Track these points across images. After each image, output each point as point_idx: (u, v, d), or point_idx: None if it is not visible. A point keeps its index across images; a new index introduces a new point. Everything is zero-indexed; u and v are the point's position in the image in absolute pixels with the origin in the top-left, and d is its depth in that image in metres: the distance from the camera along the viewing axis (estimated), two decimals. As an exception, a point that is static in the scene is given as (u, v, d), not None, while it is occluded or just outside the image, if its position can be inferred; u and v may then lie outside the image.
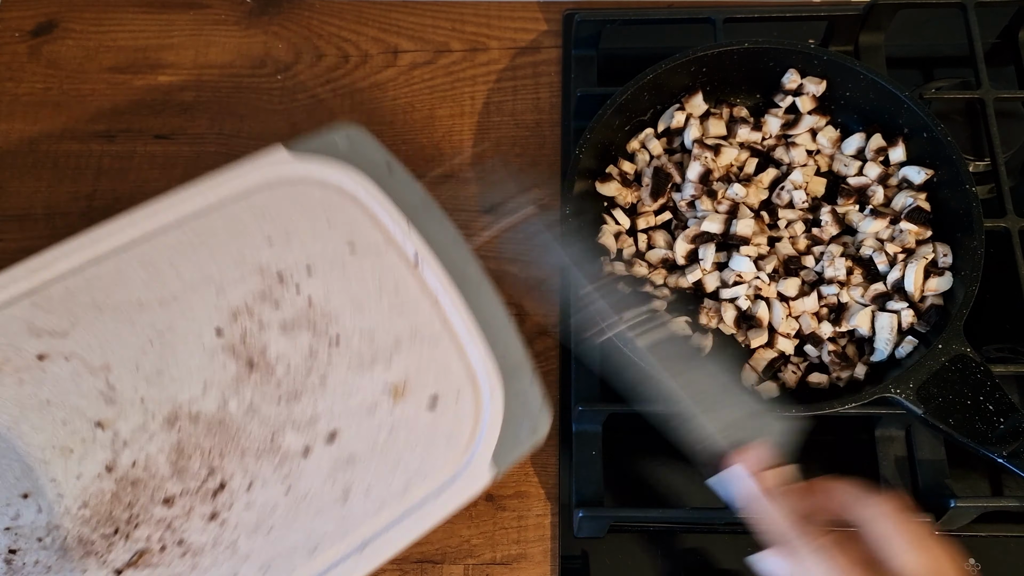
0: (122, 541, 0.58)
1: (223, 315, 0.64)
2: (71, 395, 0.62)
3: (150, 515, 0.59)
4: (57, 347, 0.63)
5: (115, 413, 0.62)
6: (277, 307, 0.65)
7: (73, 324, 0.64)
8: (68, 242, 0.66)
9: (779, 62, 0.82)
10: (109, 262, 0.66)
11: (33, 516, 0.59)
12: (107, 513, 0.59)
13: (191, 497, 0.60)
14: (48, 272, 0.65)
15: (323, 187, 0.68)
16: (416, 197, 0.68)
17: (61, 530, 0.58)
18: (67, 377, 0.62)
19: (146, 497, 0.59)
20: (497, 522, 0.74)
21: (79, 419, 0.61)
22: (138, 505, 0.59)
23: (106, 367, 0.63)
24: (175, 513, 0.59)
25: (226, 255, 0.66)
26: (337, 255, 0.66)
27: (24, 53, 0.96)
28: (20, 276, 0.65)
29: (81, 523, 0.59)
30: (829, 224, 0.77)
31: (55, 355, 0.63)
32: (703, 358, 0.57)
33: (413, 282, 0.66)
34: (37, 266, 0.65)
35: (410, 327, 0.64)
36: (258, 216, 0.67)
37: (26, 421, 0.61)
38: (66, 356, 0.63)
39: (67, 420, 0.62)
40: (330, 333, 0.64)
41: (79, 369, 0.63)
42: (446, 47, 0.95)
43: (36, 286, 0.65)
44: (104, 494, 0.60)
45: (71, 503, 0.59)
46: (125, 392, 0.62)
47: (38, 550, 0.58)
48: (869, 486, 0.55)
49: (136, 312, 0.64)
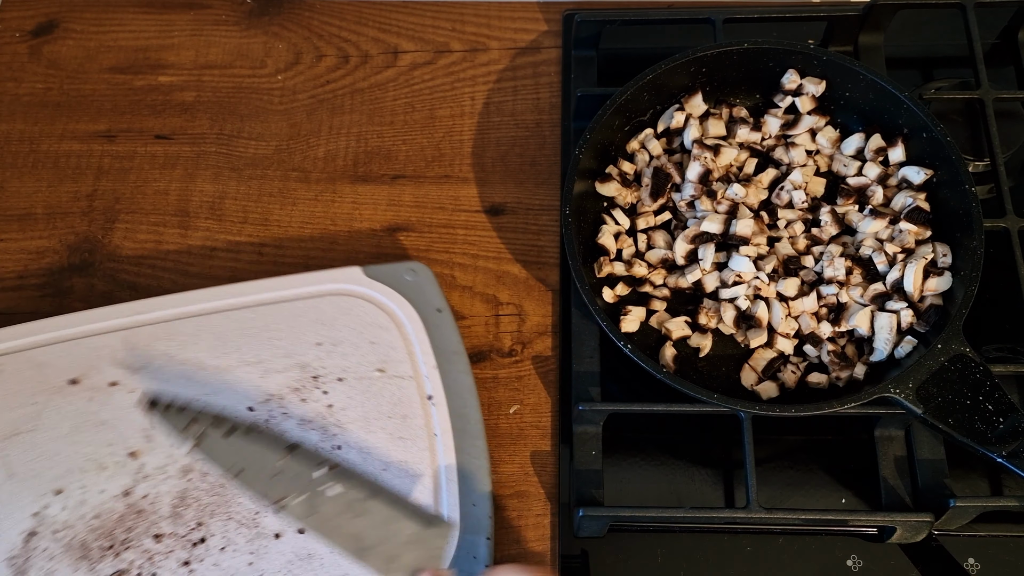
0: (111, 557, 0.67)
1: (259, 396, 0.72)
2: (122, 423, 0.71)
3: (140, 544, 0.67)
4: (126, 380, 0.73)
5: (148, 448, 0.71)
6: (303, 403, 0.72)
7: (145, 365, 0.73)
8: (164, 298, 0.76)
9: (779, 62, 0.82)
10: (191, 322, 0.75)
11: (57, 511, 0.68)
12: (110, 530, 0.67)
13: (176, 540, 0.67)
14: (142, 317, 0.75)
15: (379, 311, 0.75)
16: (452, 343, 0.74)
17: (72, 530, 0.67)
18: (125, 407, 0.71)
19: (143, 527, 0.68)
20: (497, 521, 0.74)
21: (120, 444, 0.71)
22: (135, 532, 0.67)
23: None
24: (159, 549, 0.67)
25: (279, 346, 0.74)
26: (367, 373, 0.73)
27: (25, 53, 0.96)
28: (122, 313, 0.75)
29: (88, 530, 0.67)
30: (829, 224, 0.77)
31: (123, 386, 0.73)
32: (363, 501, 0.64)
33: (420, 418, 0.72)
34: (136, 309, 0.75)
35: (402, 457, 0.71)
36: (316, 320, 0.75)
37: (82, 433, 0.71)
38: (130, 390, 0.72)
39: (112, 442, 0.71)
40: (335, 440, 0.71)
41: (135, 403, 0.72)
42: (446, 47, 0.95)
43: (129, 324, 0.75)
44: (114, 513, 0.68)
45: (88, 511, 0.68)
46: (161, 434, 0.70)
47: (50, 540, 0.67)
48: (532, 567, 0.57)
49: (195, 370, 0.73)
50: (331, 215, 0.87)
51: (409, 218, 0.86)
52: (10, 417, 0.71)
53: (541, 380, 0.79)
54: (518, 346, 0.80)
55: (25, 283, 0.85)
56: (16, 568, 0.66)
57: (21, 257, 0.86)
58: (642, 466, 0.76)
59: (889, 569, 0.71)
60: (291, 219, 0.87)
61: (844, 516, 0.71)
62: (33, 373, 0.73)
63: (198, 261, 0.85)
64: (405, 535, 0.64)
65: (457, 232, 0.86)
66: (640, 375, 0.71)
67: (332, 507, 0.65)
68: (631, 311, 0.76)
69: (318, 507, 0.65)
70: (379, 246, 0.85)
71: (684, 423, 0.77)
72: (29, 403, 0.72)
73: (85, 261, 0.85)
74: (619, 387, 0.78)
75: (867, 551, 0.71)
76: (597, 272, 0.78)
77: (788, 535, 0.72)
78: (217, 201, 0.88)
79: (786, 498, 0.74)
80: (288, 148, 0.90)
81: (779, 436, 0.75)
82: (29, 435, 0.71)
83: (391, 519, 0.64)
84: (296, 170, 0.89)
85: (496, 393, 0.79)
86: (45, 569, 0.66)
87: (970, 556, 0.70)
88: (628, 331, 0.76)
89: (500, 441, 0.77)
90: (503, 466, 0.76)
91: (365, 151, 0.90)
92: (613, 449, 0.75)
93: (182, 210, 0.88)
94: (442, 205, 0.87)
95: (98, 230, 0.87)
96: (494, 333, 0.81)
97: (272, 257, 0.85)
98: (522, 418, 0.78)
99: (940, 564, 0.71)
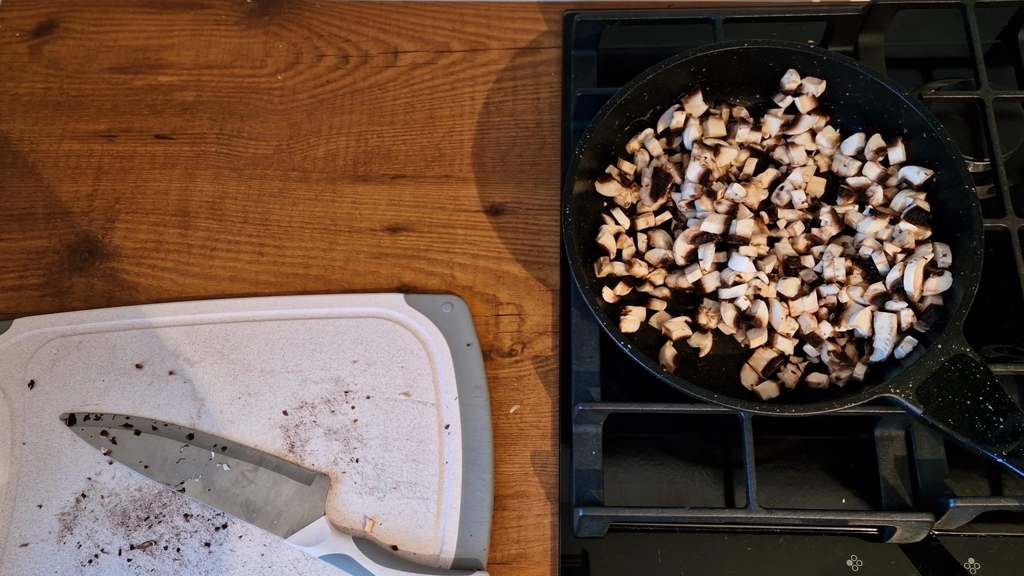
0: (146, 528, 0.74)
1: (294, 401, 0.78)
2: (173, 408, 0.78)
3: (171, 520, 0.74)
4: (183, 370, 0.80)
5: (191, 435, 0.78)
6: (332, 414, 0.78)
7: (201, 359, 0.80)
8: (226, 300, 0.82)
9: (779, 62, 0.82)
10: (245, 326, 0.81)
11: (108, 479, 0.76)
12: (148, 503, 0.75)
13: (202, 522, 0.74)
14: (205, 315, 0.82)
15: (414, 338, 0.80)
16: (476, 377, 0.78)
17: (117, 498, 0.75)
18: (178, 395, 0.79)
19: (176, 505, 0.75)
20: (497, 522, 0.74)
21: (171, 427, 0.78)
22: (168, 508, 0.75)
23: (203, 400, 0.79)
24: (186, 527, 0.74)
25: (320, 358, 0.80)
26: (394, 395, 0.78)
27: (25, 53, 0.96)
28: (188, 310, 0.82)
29: (130, 500, 0.75)
30: (829, 224, 0.77)
31: (179, 375, 0.80)
32: (251, 472, 0.74)
33: (435, 444, 0.76)
34: (200, 308, 0.82)
35: (412, 478, 0.75)
36: (356, 340, 0.80)
37: (139, 412, 0.78)
38: (185, 380, 0.79)
39: (163, 424, 0.78)
40: (354, 453, 0.76)
41: (188, 393, 0.79)
42: (446, 47, 0.95)
43: (193, 321, 0.82)
44: (155, 488, 0.75)
45: (132, 483, 0.76)
46: (205, 425, 0.78)
47: (97, 503, 0.75)
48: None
49: (242, 371, 0.80)
50: (331, 215, 0.87)
51: (409, 218, 0.86)
52: (81, 389, 0.79)
53: (541, 380, 0.79)
54: (518, 346, 0.81)
55: (25, 283, 0.85)
56: (64, 524, 0.74)
57: (21, 257, 0.86)
58: (642, 466, 0.76)
59: (889, 569, 0.71)
60: (291, 219, 0.87)
61: (844, 516, 0.71)
62: (106, 354, 0.80)
63: (198, 261, 0.85)
64: (288, 495, 0.73)
65: (457, 232, 0.86)
66: (640, 375, 0.72)
67: (225, 480, 0.74)
68: (631, 311, 0.76)
69: (214, 483, 0.74)
70: (379, 246, 0.85)
71: (684, 423, 0.77)
72: (99, 379, 0.79)
73: (85, 261, 0.85)
74: (619, 387, 0.78)
75: (867, 551, 0.71)
76: (597, 272, 0.78)
77: (788, 535, 0.72)
78: (217, 201, 0.88)
79: (786, 498, 0.74)
80: (288, 148, 0.90)
81: (779, 436, 0.76)
82: (95, 408, 0.78)
83: (275, 482, 0.74)
84: (296, 170, 0.89)
85: (496, 393, 0.79)
86: (89, 528, 0.74)
87: (970, 556, 0.71)
88: (628, 331, 0.76)
89: (500, 441, 0.77)
90: (503, 466, 0.76)
91: (365, 151, 0.90)
92: (613, 449, 0.75)
93: (182, 210, 0.88)
94: (442, 205, 0.87)
95: (98, 230, 0.87)
96: (494, 333, 0.81)
97: (272, 257, 0.85)
98: (522, 418, 0.78)
99: (940, 564, 0.71)
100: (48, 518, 0.74)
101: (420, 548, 0.72)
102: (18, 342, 0.80)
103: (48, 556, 0.73)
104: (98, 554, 0.73)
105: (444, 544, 0.72)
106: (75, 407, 0.78)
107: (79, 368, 0.80)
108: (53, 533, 0.74)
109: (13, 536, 0.73)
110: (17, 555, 0.73)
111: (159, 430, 0.77)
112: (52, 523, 0.74)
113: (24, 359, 0.80)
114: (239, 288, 0.84)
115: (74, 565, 0.73)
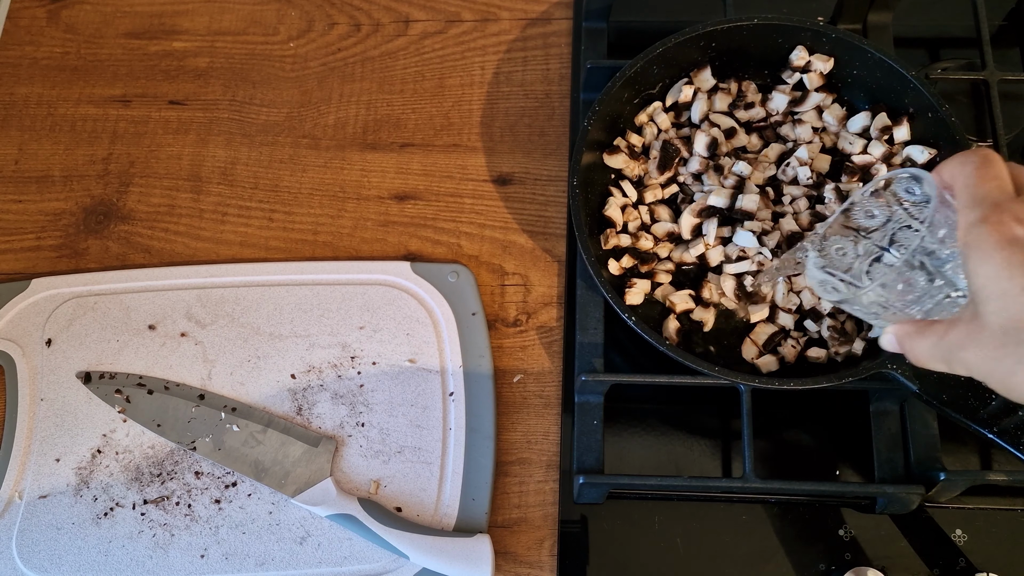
0: (158, 483, 0.76)
1: (302, 365, 0.80)
2: (185, 369, 0.80)
3: (183, 477, 0.77)
4: (194, 332, 0.82)
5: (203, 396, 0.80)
6: (339, 378, 0.79)
7: (212, 322, 0.82)
8: (237, 265, 0.84)
9: (788, 39, 0.82)
10: (256, 290, 0.83)
11: (122, 436, 0.78)
12: (160, 460, 0.77)
13: (212, 480, 0.76)
14: (216, 279, 0.84)
15: (420, 306, 0.81)
16: (480, 347, 0.79)
17: (131, 455, 0.77)
18: (189, 356, 0.81)
19: (187, 463, 0.77)
20: (499, 487, 0.76)
21: (183, 388, 0.80)
22: (180, 465, 0.77)
23: (213, 362, 0.80)
24: (197, 484, 0.76)
25: (328, 324, 0.81)
26: (399, 361, 0.80)
27: (43, 18, 0.97)
28: (200, 274, 0.84)
29: (144, 457, 0.77)
30: (832, 201, 0.78)
31: (190, 337, 0.82)
32: (260, 433, 0.76)
33: (439, 411, 0.78)
34: (212, 272, 0.84)
35: (416, 443, 0.77)
36: (362, 306, 0.82)
37: (152, 373, 0.80)
38: (196, 342, 0.81)
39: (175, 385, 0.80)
40: (360, 417, 0.78)
41: (199, 355, 0.81)
42: (457, 17, 0.95)
43: (204, 284, 0.84)
44: (167, 446, 0.78)
45: (145, 440, 0.78)
46: (215, 386, 0.80)
47: (111, 459, 0.77)
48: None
49: (252, 334, 0.81)
50: (340, 182, 0.88)
51: (417, 186, 0.87)
52: (96, 349, 0.81)
53: (545, 350, 0.81)
54: (523, 316, 0.82)
55: (43, 244, 0.86)
56: (81, 478, 0.77)
57: (39, 219, 0.87)
58: (642, 436, 0.77)
59: (880, 539, 0.72)
60: (301, 185, 0.88)
61: (838, 487, 0.73)
62: (121, 314, 0.82)
63: (210, 225, 0.87)
64: (295, 456, 0.75)
65: (464, 201, 0.87)
66: (643, 347, 0.73)
67: (234, 441, 0.76)
68: (636, 283, 0.77)
69: (223, 443, 0.76)
70: (387, 214, 0.86)
71: (684, 395, 0.78)
72: (114, 340, 0.81)
73: (100, 223, 0.87)
74: (622, 358, 0.79)
75: (859, 521, 0.73)
76: (603, 244, 0.79)
77: (782, 505, 0.74)
78: (229, 167, 0.89)
79: (782, 469, 0.75)
80: (299, 115, 0.91)
81: (777, 409, 0.77)
82: (109, 367, 0.80)
83: (283, 444, 0.76)
84: (306, 137, 0.90)
85: (500, 362, 0.80)
86: (104, 483, 0.76)
87: (957, 528, 0.72)
88: (632, 303, 0.77)
89: (504, 409, 0.79)
90: (506, 433, 0.78)
91: (374, 119, 0.91)
92: (614, 419, 0.76)
93: (194, 175, 0.89)
94: (450, 174, 0.88)
95: (113, 193, 0.88)
96: (499, 303, 0.82)
97: (282, 223, 0.86)
98: (525, 387, 0.79)
99: (929, 534, 0.72)
100: (66, 471, 0.77)
101: (423, 510, 0.74)
102: (36, 302, 0.82)
103: (66, 508, 0.75)
104: (113, 508, 0.75)
105: (447, 507, 0.74)
106: (90, 366, 0.80)
107: (94, 328, 0.82)
108: (70, 486, 0.76)
109: (32, 488, 0.76)
110: (36, 506, 0.75)
111: (171, 390, 0.78)
112: (69, 476, 0.76)
113: (42, 318, 0.82)
114: (249, 253, 0.86)
115: (90, 517, 0.75)
